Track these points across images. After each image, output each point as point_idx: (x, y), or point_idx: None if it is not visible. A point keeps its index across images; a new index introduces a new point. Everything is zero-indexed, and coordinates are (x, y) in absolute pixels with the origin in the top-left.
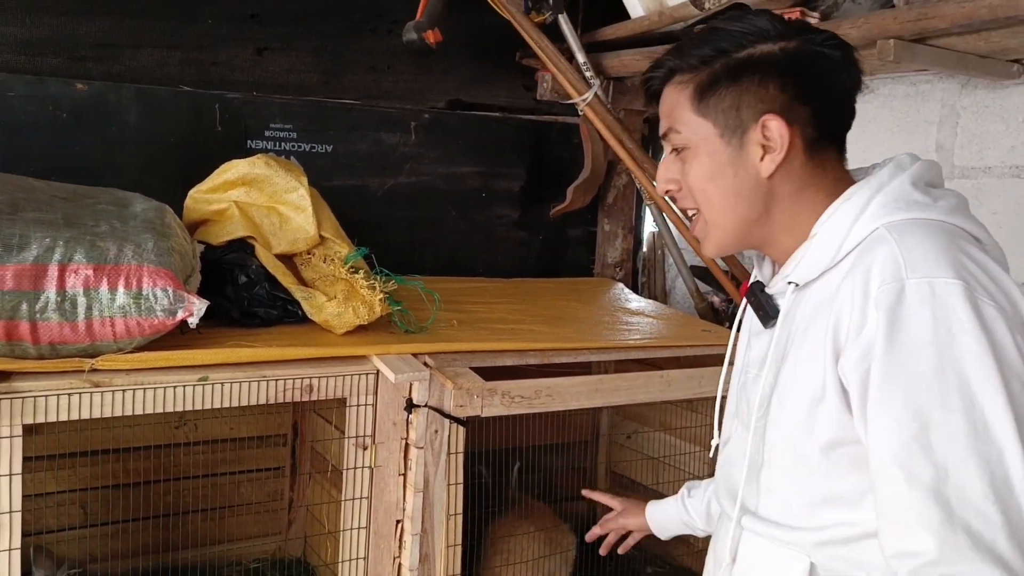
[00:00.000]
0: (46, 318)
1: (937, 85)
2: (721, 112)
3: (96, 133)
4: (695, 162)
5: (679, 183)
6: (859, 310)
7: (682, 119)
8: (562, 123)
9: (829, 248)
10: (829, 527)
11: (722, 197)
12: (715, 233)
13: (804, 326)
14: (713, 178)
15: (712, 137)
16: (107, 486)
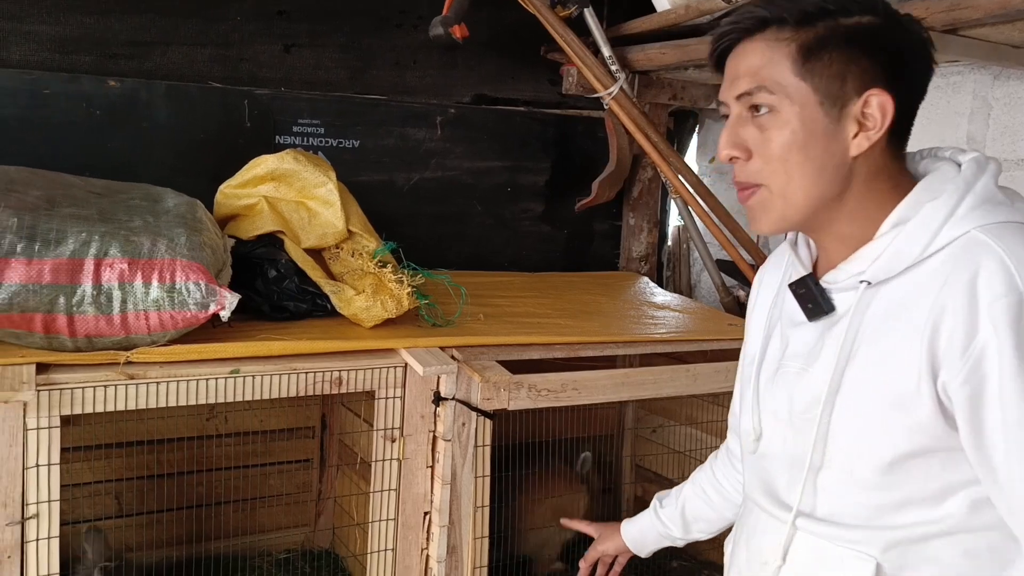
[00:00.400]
0: (83, 311)
1: (968, 76)
2: (825, 78)
3: (128, 129)
4: (783, 129)
5: (748, 151)
6: (965, 322)
7: (777, 79)
8: (587, 117)
9: (915, 247)
10: (905, 527)
11: (804, 169)
12: (782, 207)
13: (877, 326)
14: (802, 148)
15: (811, 104)
16: (140, 477)
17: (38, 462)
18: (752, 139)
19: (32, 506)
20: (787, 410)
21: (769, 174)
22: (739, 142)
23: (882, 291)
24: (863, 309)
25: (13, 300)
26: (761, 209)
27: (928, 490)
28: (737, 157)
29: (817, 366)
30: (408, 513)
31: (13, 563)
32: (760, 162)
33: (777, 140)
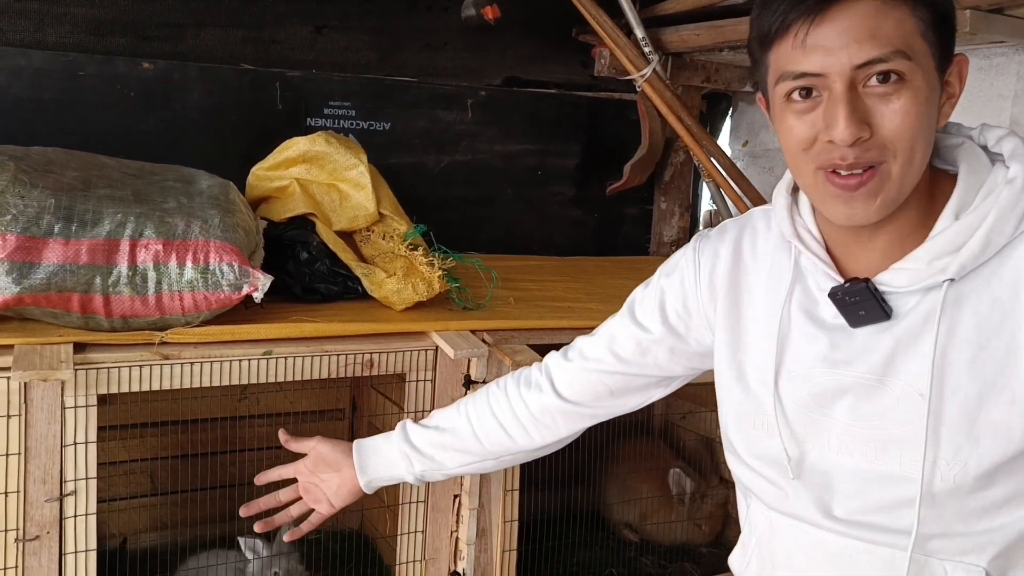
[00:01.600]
0: (118, 292)
1: (1013, 58)
2: (940, 43)
3: (161, 111)
4: (916, 98)
5: (871, 128)
6: None
7: (910, 42)
8: (619, 100)
9: (1003, 235)
10: (1006, 527)
11: (926, 144)
12: (896, 191)
13: (967, 323)
14: (928, 122)
15: (931, 69)
16: (174, 456)
17: (76, 440)
18: (876, 113)
19: (70, 483)
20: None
21: (894, 152)
22: (862, 119)
23: (960, 285)
24: (949, 309)
25: (51, 280)
26: (875, 194)
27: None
28: (862, 138)
29: (893, 373)
30: (438, 495)
31: (52, 539)
32: (884, 139)
33: (911, 112)
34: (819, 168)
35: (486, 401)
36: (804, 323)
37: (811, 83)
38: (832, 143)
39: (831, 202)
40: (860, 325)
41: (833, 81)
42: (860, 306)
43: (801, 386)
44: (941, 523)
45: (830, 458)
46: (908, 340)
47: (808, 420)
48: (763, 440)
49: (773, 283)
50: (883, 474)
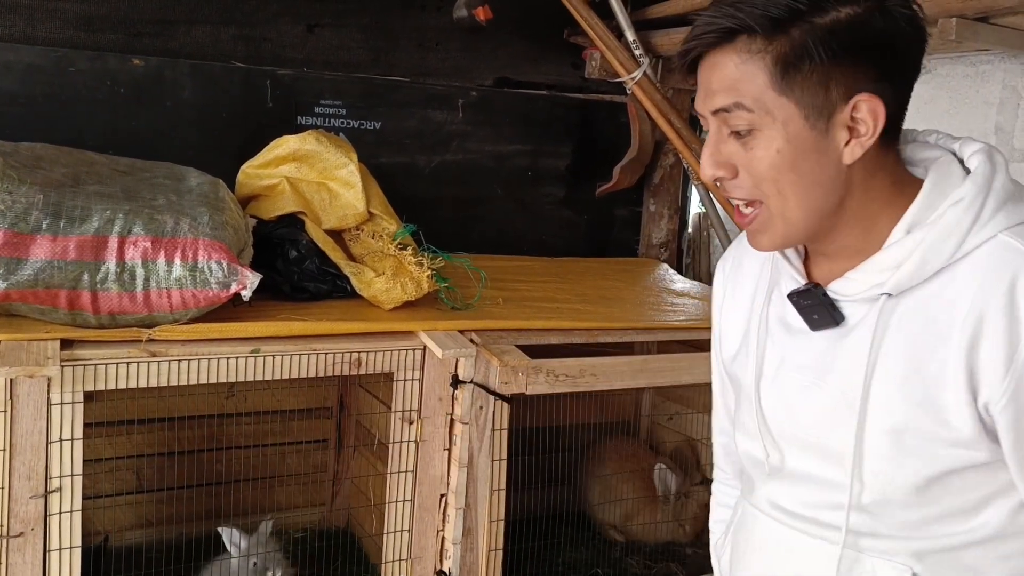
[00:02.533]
0: (106, 288)
1: (998, 66)
2: (807, 91)
3: (152, 108)
4: (768, 148)
5: (734, 169)
6: (1006, 338)
7: (754, 96)
8: (609, 102)
9: (940, 256)
10: (941, 537)
11: (797, 188)
12: (782, 227)
13: (903, 339)
14: (792, 167)
15: (795, 119)
16: (160, 453)
17: (61, 436)
18: (737, 156)
19: (55, 480)
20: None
21: (764, 193)
22: (723, 160)
23: (902, 300)
24: (885, 320)
25: (39, 276)
26: (762, 229)
27: (967, 501)
28: (723, 177)
29: (832, 380)
30: (424, 495)
31: (36, 535)
32: (750, 180)
33: (763, 161)
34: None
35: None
36: (776, 327)
37: (704, 123)
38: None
39: (748, 239)
40: (817, 329)
41: (710, 123)
42: (814, 310)
43: (774, 390)
44: (872, 525)
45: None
46: (849, 349)
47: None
48: (746, 442)
49: (760, 287)
50: (820, 477)
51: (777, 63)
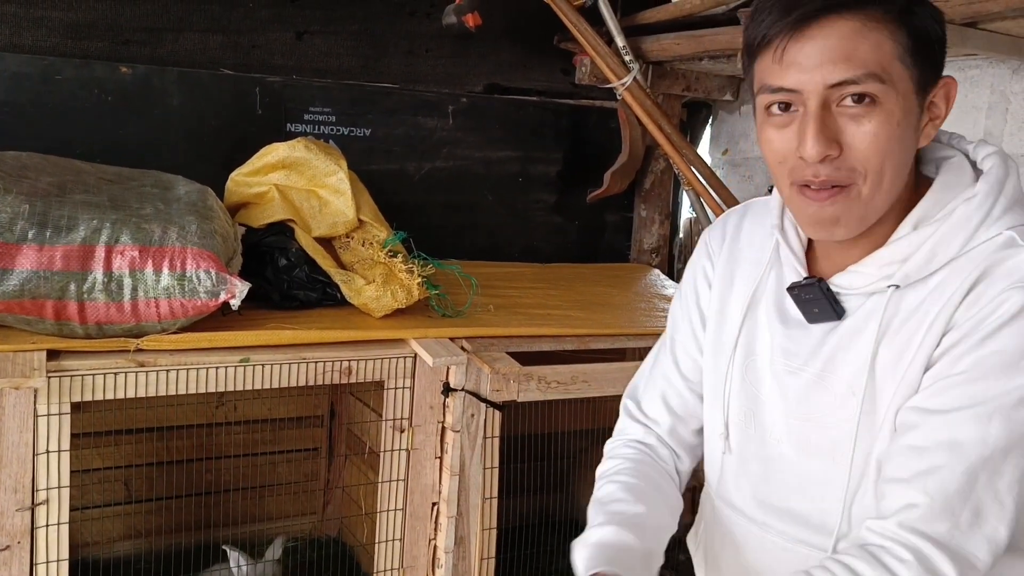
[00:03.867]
0: (93, 298)
1: (987, 71)
2: (925, 66)
3: (140, 116)
4: (889, 121)
5: (840, 147)
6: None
7: (886, 66)
8: (600, 107)
9: (950, 250)
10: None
11: (899, 166)
12: (864, 211)
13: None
14: (900, 142)
15: (911, 93)
16: (150, 464)
17: (48, 448)
18: (848, 133)
19: (42, 492)
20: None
21: (864, 174)
22: (833, 136)
23: (907, 294)
24: (892, 312)
25: (24, 286)
26: (844, 212)
27: None
28: (831, 156)
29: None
30: (416, 503)
31: (23, 548)
32: (854, 160)
33: (882, 134)
34: (793, 183)
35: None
36: (772, 313)
37: (788, 98)
38: (803, 160)
39: (806, 223)
40: (815, 322)
41: (807, 98)
42: (814, 304)
43: (756, 373)
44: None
45: (769, 449)
46: (848, 340)
47: (754, 408)
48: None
49: (754, 269)
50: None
51: (912, 33)
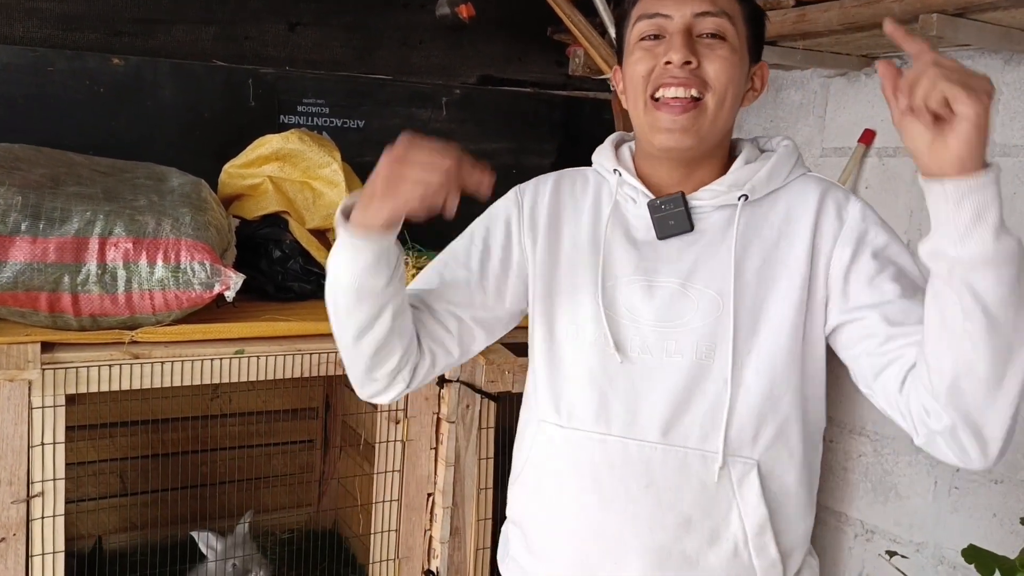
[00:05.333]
0: (87, 290)
1: (978, 61)
2: (755, 37)
3: (133, 108)
4: (731, 57)
5: (699, 61)
6: (836, 219)
7: (734, 16)
8: (594, 99)
9: (777, 178)
10: (775, 423)
11: (732, 99)
12: (709, 128)
13: (755, 239)
14: (735, 81)
15: (744, 52)
16: (145, 456)
17: (43, 440)
18: (703, 55)
19: (37, 484)
20: (651, 323)
21: (713, 89)
22: (694, 52)
23: (752, 210)
24: (744, 222)
25: (18, 279)
26: (693, 122)
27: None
28: (690, 62)
29: (699, 278)
30: (412, 494)
31: (18, 540)
32: (706, 74)
33: (728, 60)
34: (652, 98)
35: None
36: (621, 240)
37: (660, 24)
38: (669, 65)
39: (659, 132)
40: (667, 236)
41: (677, 22)
42: (671, 216)
43: (619, 292)
44: (735, 423)
45: (639, 360)
46: (709, 250)
47: (622, 325)
48: (586, 342)
49: (594, 212)
50: (689, 374)
51: (747, 7)
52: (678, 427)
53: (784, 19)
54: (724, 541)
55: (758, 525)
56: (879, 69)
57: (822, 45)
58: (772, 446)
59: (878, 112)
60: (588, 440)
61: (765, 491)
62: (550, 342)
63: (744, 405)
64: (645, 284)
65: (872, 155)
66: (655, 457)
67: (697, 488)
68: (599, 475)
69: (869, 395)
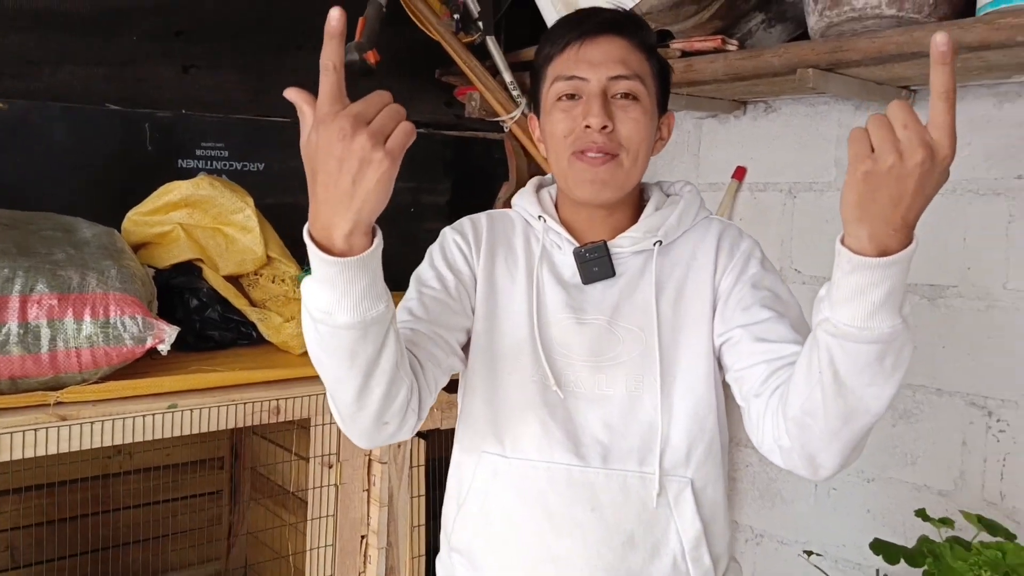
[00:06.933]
0: (7, 352)
1: (834, 107)
2: (662, 93)
3: (20, 154)
4: (643, 116)
5: (613, 123)
6: (728, 255)
7: (645, 77)
8: (483, 138)
9: (685, 221)
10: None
11: (644, 153)
12: (624, 180)
13: (670, 277)
14: (646, 136)
15: (654, 107)
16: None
17: None
18: (618, 118)
19: None
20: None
21: (627, 148)
22: (610, 115)
23: (664, 253)
24: (660, 263)
25: None
26: (611, 176)
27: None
28: (607, 127)
29: (624, 316)
30: (346, 538)
31: None
32: (621, 136)
33: (639, 123)
34: (573, 153)
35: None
36: (551, 281)
37: (577, 86)
38: (588, 128)
39: (581, 184)
40: (591, 281)
41: (593, 85)
42: (595, 263)
43: (551, 330)
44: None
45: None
46: (629, 291)
47: (557, 361)
48: (526, 377)
49: (526, 254)
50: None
51: (655, 65)
52: (617, 453)
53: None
54: (664, 555)
55: (694, 539)
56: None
57: (703, 91)
58: (703, 464)
59: (748, 151)
60: (533, 469)
61: (699, 507)
62: (491, 378)
63: (675, 429)
64: (575, 321)
65: (744, 190)
66: (598, 482)
67: (638, 508)
68: (546, 501)
69: (744, 409)
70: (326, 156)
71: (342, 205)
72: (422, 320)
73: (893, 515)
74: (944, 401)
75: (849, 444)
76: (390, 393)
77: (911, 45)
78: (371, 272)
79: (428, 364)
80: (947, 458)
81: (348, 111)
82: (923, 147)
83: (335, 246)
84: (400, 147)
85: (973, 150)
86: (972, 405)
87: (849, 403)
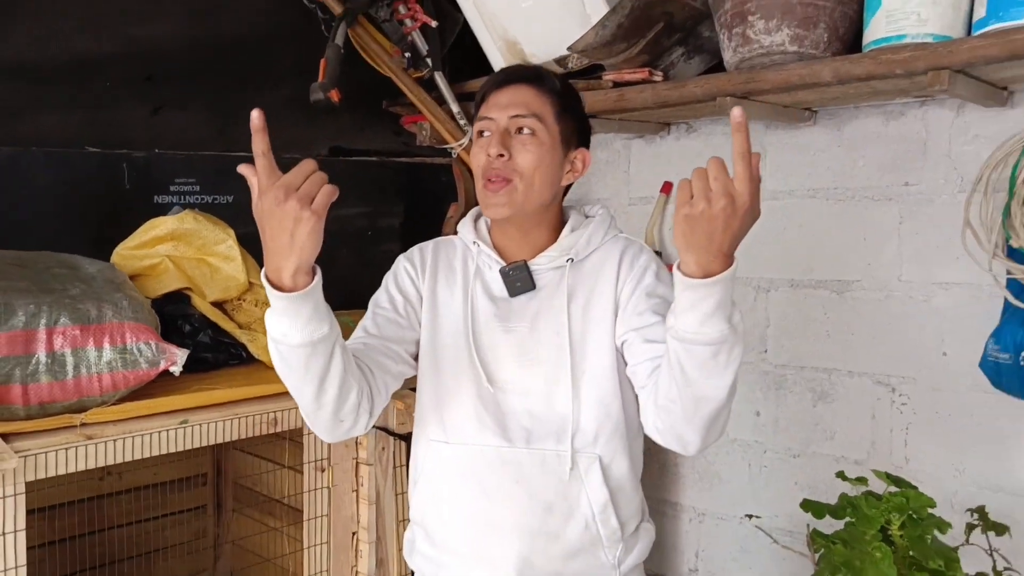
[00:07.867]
0: (37, 379)
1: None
2: (566, 130)
3: (7, 198)
4: (538, 149)
5: (510, 154)
6: (628, 267)
7: (543, 116)
8: (431, 164)
9: (595, 240)
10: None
11: (542, 178)
12: (523, 202)
13: (580, 289)
14: (544, 163)
15: (556, 139)
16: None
17: (4, 530)
18: (515, 149)
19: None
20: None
21: (520, 175)
22: (507, 147)
23: (577, 267)
24: (572, 278)
25: None
26: (507, 198)
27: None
28: (503, 155)
29: (542, 324)
30: (339, 536)
31: None
32: (516, 164)
33: (534, 153)
34: (483, 180)
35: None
36: (483, 295)
37: (487, 125)
38: (490, 157)
39: (487, 207)
40: (516, 295)
41: (498, 123)
42: (518, 279)
43: (483, 337)
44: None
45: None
46: (547, 301)
47: (488, 361)
48: (463, 376)
49: (463, 274)
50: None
51: (558, 105)
52: (538, 435)
53: (606, 98)
54: (577, 518)
55: (601, 504)
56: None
57: (633, 116)
58: (609, 443)
59: (673, 167)
60: (469, 452)
61: (606, 478)
62: (435, 377)
63: (584, 414)
64: (503, 329)
65: (672, 203)
66: (523, 459)
67: (555, 480)
68: (481, 477)
69: (639, 399)
70: (268, 217)
71: (284, 253)
72: (374, 336)
73: (817, 485)
74: (855, 382)
75: (705, 425)
76: (341, 395)
77: (811, 76)
78: (314, 301)
79: (377, 371)
80: (860, 431)
81: (281, 182)
82: (725, 196)
83: (284, 284)
84: (323, 206)
85: (867, 162)
86: (878, 383)
87: (695, 392)
